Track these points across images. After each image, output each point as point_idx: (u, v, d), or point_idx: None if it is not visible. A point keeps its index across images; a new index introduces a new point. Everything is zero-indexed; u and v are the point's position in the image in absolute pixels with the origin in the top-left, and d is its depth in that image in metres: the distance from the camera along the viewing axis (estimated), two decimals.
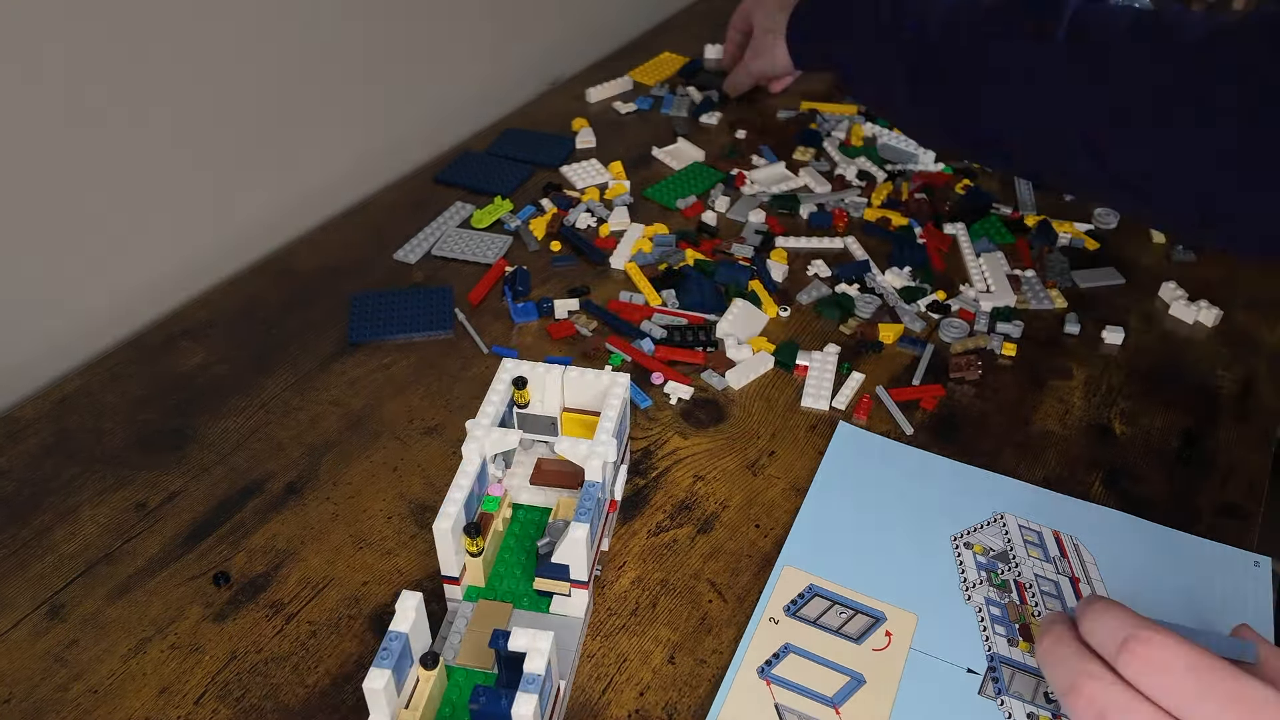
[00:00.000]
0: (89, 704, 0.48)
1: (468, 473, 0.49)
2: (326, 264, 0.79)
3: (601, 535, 0.53)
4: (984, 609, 0.53)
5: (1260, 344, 0.71)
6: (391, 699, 0.41)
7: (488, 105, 1.02)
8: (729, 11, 1.00)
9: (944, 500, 0.59)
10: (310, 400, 0.66)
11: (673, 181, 0.88)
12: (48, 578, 0.54)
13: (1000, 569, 0.55)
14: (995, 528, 0.57)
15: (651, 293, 0.74)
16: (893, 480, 0.60)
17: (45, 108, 0.64)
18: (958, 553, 0.56)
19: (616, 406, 0.53)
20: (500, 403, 0.53)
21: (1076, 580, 0.54)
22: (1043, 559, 0.55)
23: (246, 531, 0.57)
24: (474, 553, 0.49)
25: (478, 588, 0.51)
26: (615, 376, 0.55)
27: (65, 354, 0.71)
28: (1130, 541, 0.57)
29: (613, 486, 0.53)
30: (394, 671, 0.41)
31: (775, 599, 0.53)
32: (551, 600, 0.51)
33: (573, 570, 0.49)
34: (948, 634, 0.51)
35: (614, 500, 0.54)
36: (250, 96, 0.78)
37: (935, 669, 0.50)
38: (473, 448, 0.51)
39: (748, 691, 0.49)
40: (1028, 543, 0.56)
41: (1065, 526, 0.57)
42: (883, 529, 0.57)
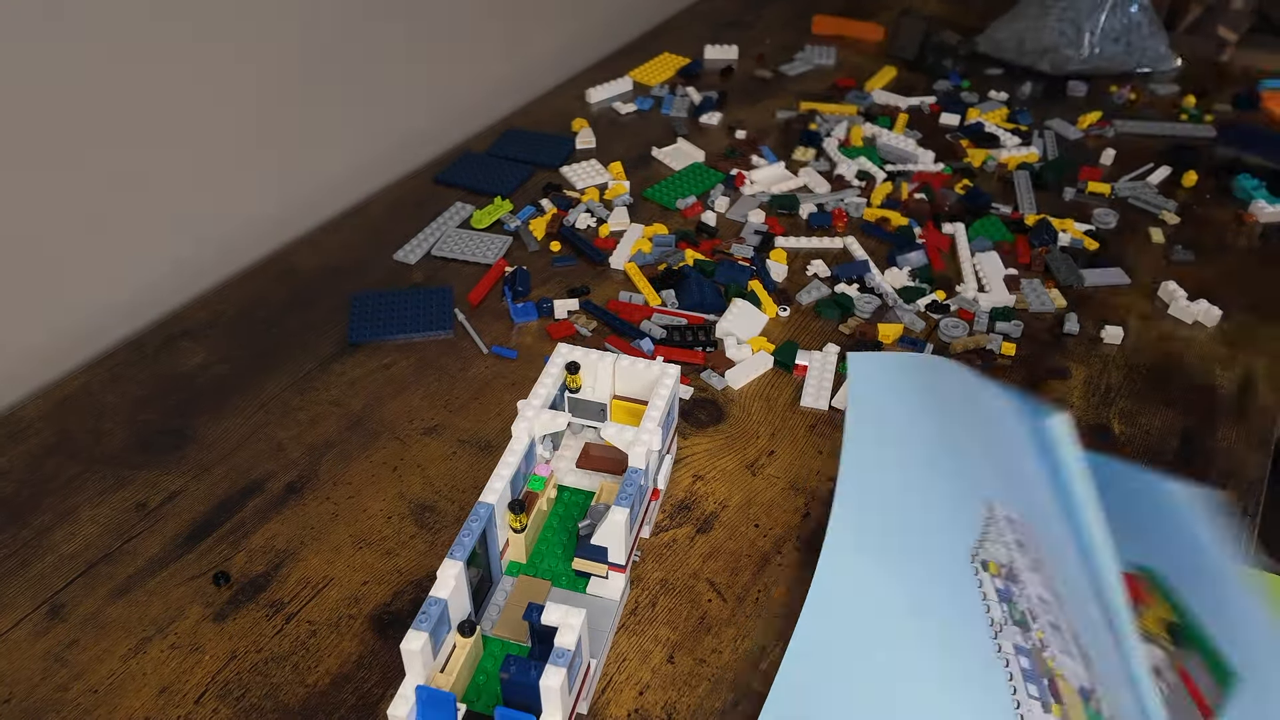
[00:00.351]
0: (89, 704, 0.48)
1: (516, 450, 0.51)
2: (326, 264, 0.79)
3: (642, 522, 0.54)
4: (1012, 662, 0.47)
5: (1260, 344, 0.71)
6: (428, 661, 0.42)
7: (488, 105, 1.02)
8: (729, 11, 0.99)
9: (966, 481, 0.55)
10: (310, 400, 0.66)
11: (673, 181, 0.89)
12: (48, 577, 0.54)
13: (1014, 594, 0.51)
14: (995, 534, 0.53)
15: (651, 293, 0.75)
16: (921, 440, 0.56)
17: (45, 108, 0.64)
18: (979, 580, 0.51)
19: (665, 396, 0.54)
20: (553, 385, 0.55)
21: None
22: (1030, 569, 0.51)
23: (246, 531, 0.57)
24: (517, 529, 0.51)
25: (519, 563, 0.52)
26: (665, 368, 0.56)
27: (65, 354, 0.71)
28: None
29: (656, 475, 0.54)
30: (431, 636, 0.42)
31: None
32: (589, 581, 0.51)
33: (611, 553, 0.49)
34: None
35: (657, 489, 0.55)
36: (250, 97, 0.78)
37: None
38: (522, 427, 0.52)
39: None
40: (1020, 544, 0.53)
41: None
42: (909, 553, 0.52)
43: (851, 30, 1.19)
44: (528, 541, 0.52)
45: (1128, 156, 0.93)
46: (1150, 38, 1.08)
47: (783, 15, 1.24)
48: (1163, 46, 1.09)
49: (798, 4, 1.26)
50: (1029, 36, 1.08)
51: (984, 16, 1.19)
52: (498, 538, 0.50)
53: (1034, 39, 1.08)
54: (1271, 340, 0.71)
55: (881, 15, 1.22)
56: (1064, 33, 1.06)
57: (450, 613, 0.44)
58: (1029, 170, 0.90)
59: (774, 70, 1.10)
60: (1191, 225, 0.84)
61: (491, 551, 0.50)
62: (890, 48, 1.13)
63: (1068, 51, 1.06)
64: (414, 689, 0.41)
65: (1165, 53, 1.09)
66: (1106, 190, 0.87)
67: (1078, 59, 1.06)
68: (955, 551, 0.51)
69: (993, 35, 1.12)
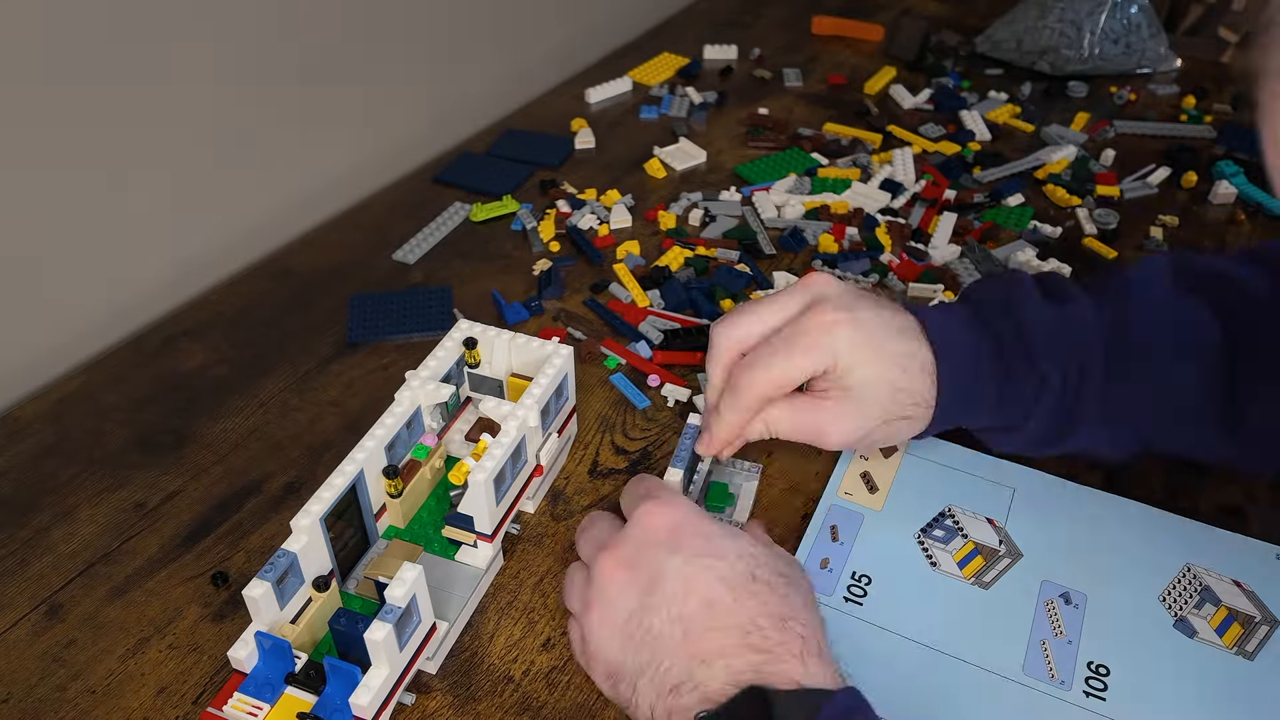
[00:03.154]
0: (87, 704, 0.48)
1: (395, 414, 0.52)
2: (326, 264, 0.79)
3: (520, 496, 0.55)
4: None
5: None
6: (271, 609, 0.44)
7: (488, 105, 1.02)
8: (729, 11, 0.99)
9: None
10: (309, 401, 0.66)
11: (763, 163, 0.91)
12: (46, 577, 0.54)
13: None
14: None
15: (639, 293, 0.74)
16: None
17: (46, 108, 0.64)
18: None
19: (550, 375, 0.55)
20: (446, 358, 0.56)
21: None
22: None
23: (245, 532, 0.57)
24: (392, 494, 0.52)
25: (396, 528, 0.54)
26: (558, 348, 0.57)
27: (65, 354, 0.71)
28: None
29: (539, 452, 0.55)
30: (277, 587, 0.44)
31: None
32: (459, 549, 0.52)
33: (477, 522, 0.50)
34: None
35: (539, 466, 0.56)
36: (250, 96, 0.78)
37: None
38: (405, 395, 0.53)
39: None
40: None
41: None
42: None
43: (851, 30, 1.18)
44: (405, 508, 0.53)
45: (1128, 157, 0.93)
46: (1150, 39, 1.08)
47: (782, 15, 1.24)
48: (1163, 47, 1.09)
49: (797, 4, 1.26)
50: (1028, 37, 1.08)
51: (984, 17, 1.19)
52: (370, 500, 0.51)
53: (1033, 39, 1.08)
54: None
55: (881, 15, 1.22)
56: (1064, 33, 1.06)
57: (305, 567, 0.46)
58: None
59: (774, 71, 1.09)
60: (1192, 225, 0.84)
61: (366, 513, 0.51)
62: (890, 48, 1.13)
63: (1067, 52, 1.06)
64: (254, 634, 0.44)
65: (1165, 54, 1.09)
66: (1116, 193, 0.87)
67: (1077, 60, 1.06)
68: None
69: (992, 36, 1.12)
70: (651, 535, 0.46)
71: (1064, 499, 0.58)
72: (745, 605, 0.42)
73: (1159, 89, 1.06)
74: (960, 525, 0.56)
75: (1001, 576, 0.54)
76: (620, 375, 0.68)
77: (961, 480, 0.59)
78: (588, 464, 0.61)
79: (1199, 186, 0.89)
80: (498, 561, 0.54)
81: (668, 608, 0.43)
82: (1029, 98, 1.04)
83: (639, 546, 0.45)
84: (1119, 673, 0.49)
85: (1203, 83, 1.07)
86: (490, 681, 0.49)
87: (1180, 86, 1.07)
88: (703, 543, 0.45)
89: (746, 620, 0.42)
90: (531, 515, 0.58)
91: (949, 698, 0.48)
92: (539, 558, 0.55)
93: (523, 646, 0.51)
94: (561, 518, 0.58)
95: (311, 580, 0.47)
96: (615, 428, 0.64)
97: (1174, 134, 0.97)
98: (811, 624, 0.43)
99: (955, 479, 0.59)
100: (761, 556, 0.45)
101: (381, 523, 0.53)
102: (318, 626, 0.47)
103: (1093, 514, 0.57)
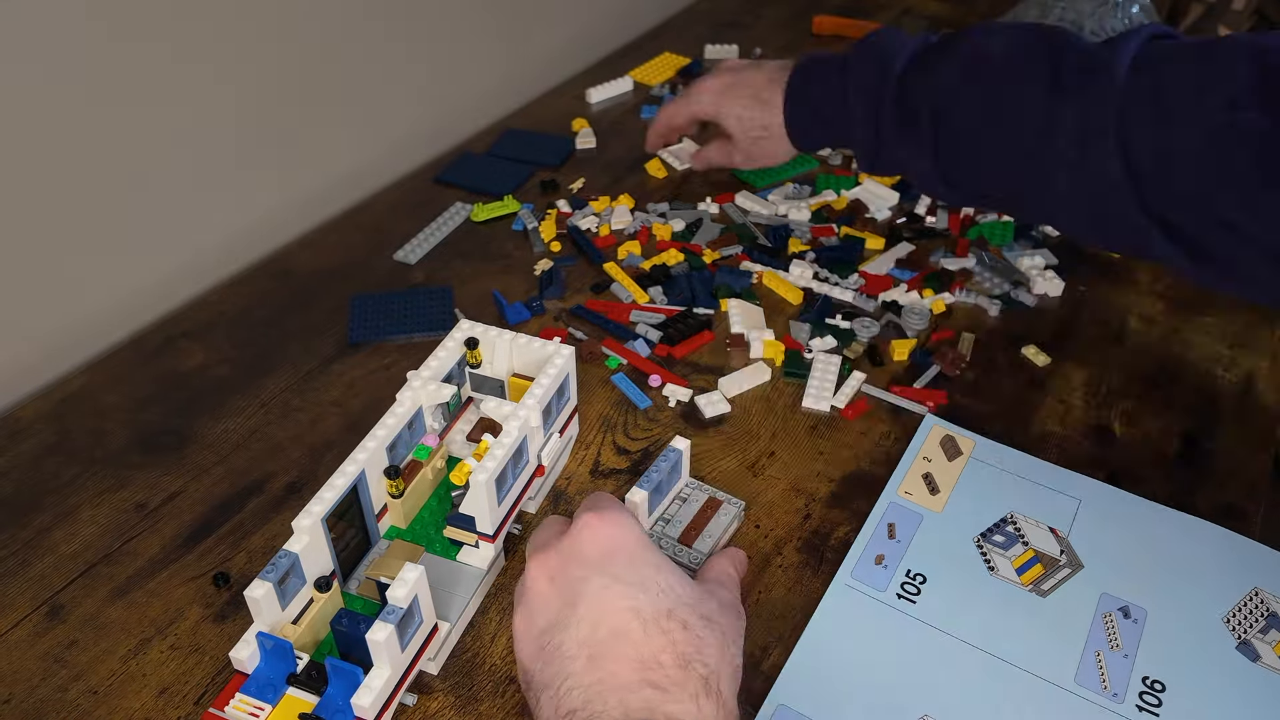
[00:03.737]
0: (88, 705, 0.48)
1: (396, 414, 0.52)
2: (326, 264, 0.79)
3: (523, 496, 0.55)
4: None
5: (1260, 344, 0.71)
6: (273, 610, 0.44)
7: (488, 105, 1.02)
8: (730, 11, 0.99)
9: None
10: (310, 401, 0.66)
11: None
12: (48, 578, 0.54)
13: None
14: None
15: (638, 291, 0.74)
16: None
17: (46, 109, 0.64)
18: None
19: (551, 375, 0.55)
20: (447, 359, 0.56)
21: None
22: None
23: (246, 532, 0.57)
24: (393, 494, 0.52)
25: (398, 528, 0.54)
26: (560, 348, 0.57)
27: (65, 354, 0.71)
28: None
29: (541, 452, 0.55)
30: (279, 587, 0.44)
31: None
32: (460, 549, 0.52)
33: (478, 522, 0.50)
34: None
35: (541, 466, 0.56)
36: (250, 97, 0.78)
37: None
38: (406, 395, 0.53)
39: None
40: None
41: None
42: None
43: (851, 30, 1.18)
44: (407, 508, 0.53)
45: None
46: None
47: (783, 15, 1.24)
48: None
49: (798, 4, 1.26)
50: None
51: (984, 16, 1.19)
52: (372, 501, 0.51)
53: None
54: (1272, 341, 0.71)
55: (882, 15, 1.22)
56: None
57: (307, 568, 0.46)
58: None
59: None
60: None
61: (367, 513, 0.51)
62: None
63: None
64: (255, 635, 0.44)
65: None
66: None
67: None
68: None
69: None
70: (583, 552, 0.45)
71: (1131, 513, 0.57)
72: (653, 640, 0.41)
73: None
74: (1022, 532, 0.56)
75: (1060, 586, 0.53)
76: (622, 375, 0.67)
77: (1026, 488, 0.59)
78: (589, 464, 0.61)
79: None
80: (499, 562, 0.54)
81: (579, 629, 0.42)
82: None
83: (567, 560, 0.44)
84: (1175, 690, 0.48)
85: None
86: (492, 682, 0.49)
87: None
88: (629, 570, 0.44)
89: (649, 656, 0.41)
90: (533, 516, 0.58)
91: (997, 701, 0.48)
92: None
93: None
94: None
95: (313, 581, 0.47)
96: (617, 428, 0.64)
97: None
98: (718, 667, 0.42)
99: (1020, 486, 0.59)
100: (687, 596, 0.44)
101: (383, 523, 0.53)
102: (319, 627, 0.48)
103: (1160, 530, 0.56)
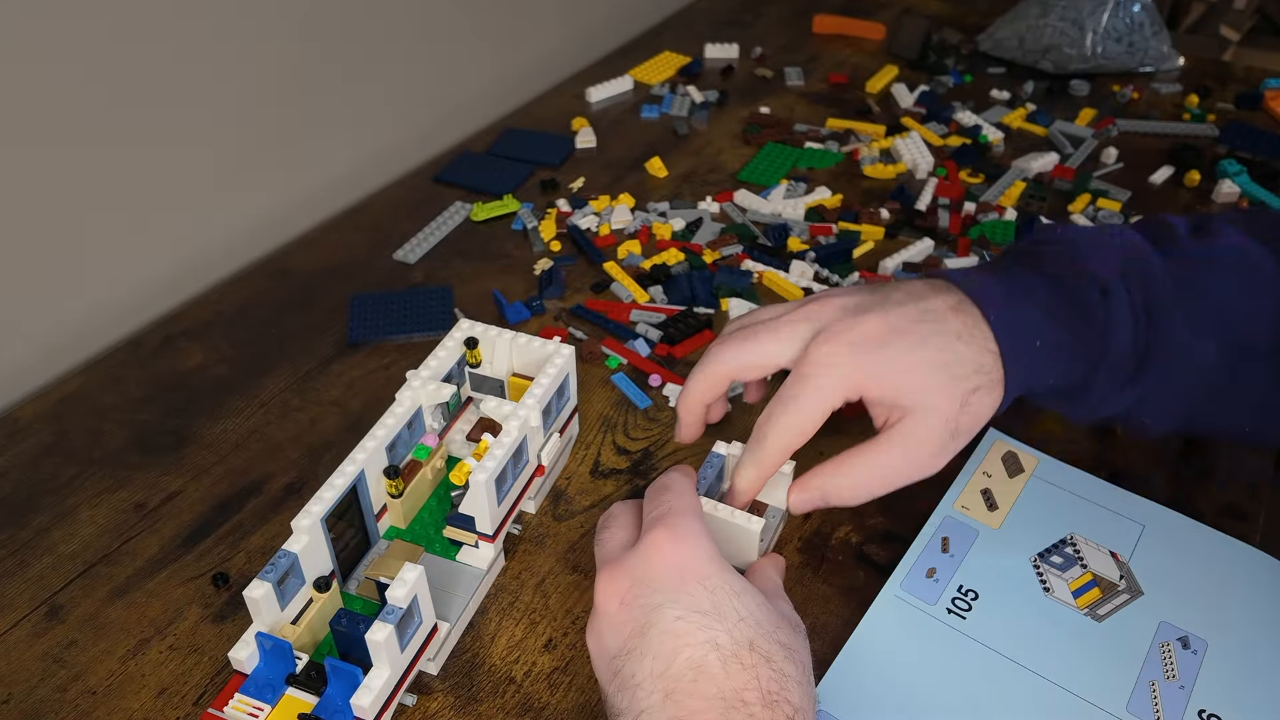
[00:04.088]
0: (88, 705, 0.48)
1: (396, 414, 0.52)
2: (326, 264, 0.79)
3: (522, 496, 0.55)
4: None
5: None
6: (272, 610, 0.44)
7: (488, 105, 1.02)
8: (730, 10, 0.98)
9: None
10: (310, 401, 0.66)
11: (757, 161, 0.91)
12: (46, 578, 0.54)
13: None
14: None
15: (639, 290, 0.74)
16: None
17: (44, 109, 0.64)
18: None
19: (551, 374, 0.55)
20: (447, 358, 0.56)
21: None
22: None
23: (246, 532, 0.57)
24: (393, 494, 0.52)
25: (398, 528, 0.54)
26: (560, 348, 0.57)
27: (65, 354, 0.71)
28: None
29: (541, 452, 0.55)
30: (278, 588, 0.44)
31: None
32: (460, 549, 0.52)
33: (478, 522, 0.50)
34: None
35: (541, 466, 0.56)
36: (250, 96, 0.78)
37: None
38: (406, 395, 0.53)
39: None
40: None
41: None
42: None
43: (852, 29, 1.18)
44: (406, 508, 0.53)
45: (1130, 156, 0.93)
46: (1153, 37, 1.08)
47: (783, 14, 1.24)
48: (1165, 46, 1.09)
49: (798, 3, 1.26)
50: (1030, 36, 1.08)
51: (986, 15, 1.19)
52: (371, 500, 0.51)
53: (1035, 38, 1.08)
54: None
55: (882, 14, 1.22)
56: (1066, 32, 1.06)
57: (306, 568, 0.46)
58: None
59: (775, 70, 1.09)
60: None
61: (367, 513, 0.51)
62: (892, 47, 1.12)
63: (1070, 51, 1.06)
64: (254, 635, 0.44)
65: (1168, 52, 1.09)
66: (1117, 206, 0.85)
67: (1080, 58, 1.06)
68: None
69: (994, 34, 1.11)
70: (654, 573, 0.42)
71: (1197, 542, 0.56)
72: (735, 677, 0.39)
73: (1162, 87, 1.06)
74: (1081, 555, 0.55)
75: (1117, 611, 0.52)
76: (622, 375, 0.67)
77: (1088, 510, 0.58)
78: (589, 464, 0.61)
79: (1202, 185, 0.89)
80: (499, 562, 0.54)
81: (653, 661, 0.40)
82: (1029, 97, 1.04)
83: (637, 583, 0.42)
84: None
85: (1205, 81, 1.07)
86: (492, 682, 0.49)
87: (1183, 85, 1.06)
88: (705, 597, 0.41)
89: (732, 694, 0.38)
90: (533, 516, 0.58)
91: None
92: (540, 558, 0.55)
93: (524, 647, 0.51)
94: (563, 518, 0.58)
95: (312, 581, 0.47)
96: (617, 428, 0.64)
97: (1177, 133, 0.97)
98: (803, 703, 0.40)
99: (1081, 508, 0.58)
100: (766, 622, 0.41)
101: (382, 523, 0.53)
102: (318, 627, 0.47)
103: (1227, 562, 0.55)
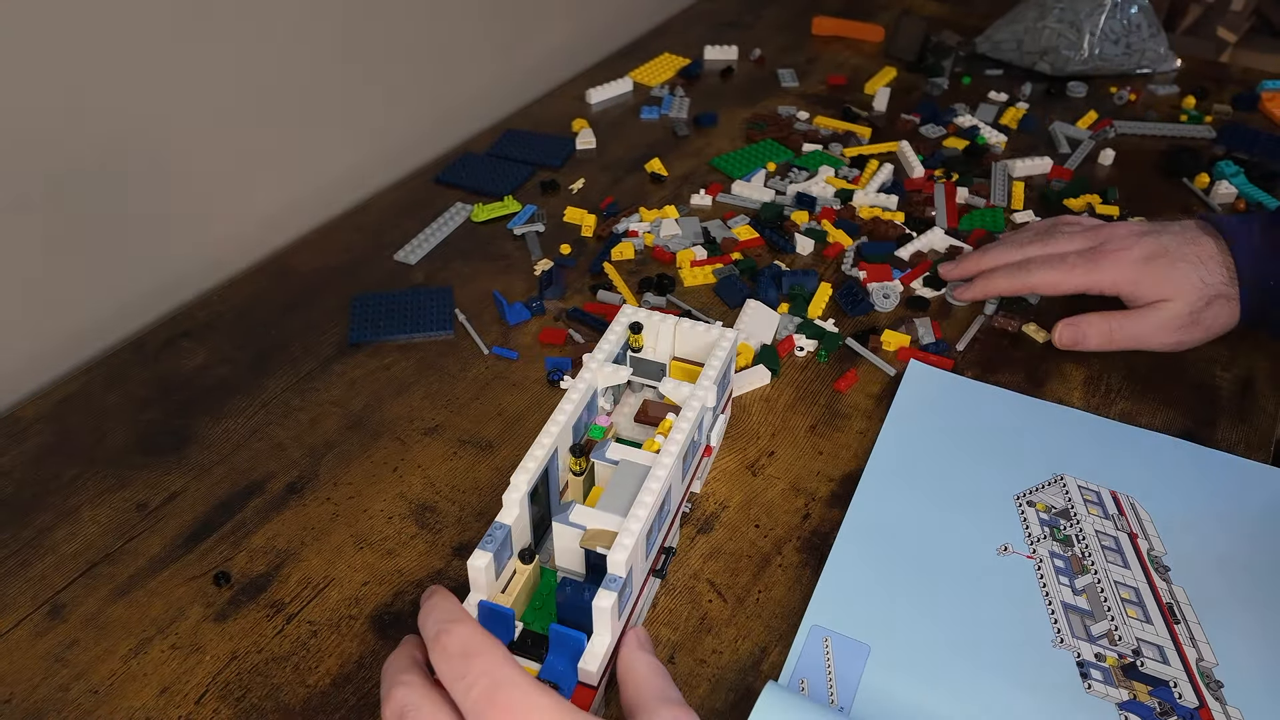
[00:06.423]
0: (89, 704, 0.48)
1: (573, 400, 0.53)
2: (326, 264, 0.79)
3: (694, 477, 0.57)
4: (1047, 561, 0.56)
5: (1260, 344, 0.71)
6: (490, 580, 0.45)
7: (488, 106, 1.02)
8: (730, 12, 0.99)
9: (1007, 458, 0.61)
10: (311, 401, 0.66)
11: (743, 153, 0.91)
12: (48, 578, 0.54)
13: (1062, 525, 0.57)
14: (1056, 488, 0.59)
15: (630, 295, 0.74)
16: (962, 429, 0.63)
17: (45, 109, 0.64)
18: (1021, 511, 0.58)
19: (721, 357, 0.56)
20: (616, 342, 0.57)
21: (1135, 536, 0.56)
22: (1101, 516, 0.58)
23: (247, 532, 0.57)
24: (576, 471, 0.53)
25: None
26: (724, 331, 0.58)
27: (65, 354, 0.71)
28: (1190, 475, 0.60)
29: (710, 432, 0.57)
30: (495, 558, 0.45)
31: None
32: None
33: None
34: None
35: (709, 446, 0.58)
36: (250, 97, 0.78)
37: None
38: (585, 377, 0.54)
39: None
40: (1087, 501, 0.59)
41: (1123, 478, 0.60)
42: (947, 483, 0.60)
43: (851, 31, 1.19)
44: (585, 485, 0.54)
45: (1127, 157, 0.93)
46: (1150, 39, 1.08)
47: (782, 16, 1.24)
48: (1162, 48, 1.09)
49: (797, 5, 1.26)
50: (1028, 38, 1.08)
51: (984, 17, 1.20)
52: (559, 478, 0.52)
53: (1033, 40, 1.08)
54: (1272, 340, 0.71)
55: (881, 16, 1.22)
56: (1063, 34, 1.06)
57: (513, 540, 0.47)
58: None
59: (774, 71, 1.10)
60: None
61: (552, 491, 0.52)
62: (890, 48, 1.13)
63: (1067, 53, 1.06)
64: (477, 602, 0.44)
65: (1165, 54, 1.09)
66: (1115, 211, 0.86)
67: (1077, 60, 1.06)
68: (998, 491, 0.59)
69: (992, 36, 1.12)
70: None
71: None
72: None
73: (1159, 89, 1.06)
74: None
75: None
76: None
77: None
78: None
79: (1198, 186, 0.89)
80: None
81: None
82: (1027, 99, 1.04)
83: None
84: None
85: (1202, 83, 1.07)
86: None
87: (1180, 86, 1.07)
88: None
89: None
90: (698, 496, 0.59)
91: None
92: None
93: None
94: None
95: (518, 552, 0.47)
96: None
97: (1174, 134, 0.98)
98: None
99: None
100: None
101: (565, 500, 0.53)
102: (522, 598, 0.48)
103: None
